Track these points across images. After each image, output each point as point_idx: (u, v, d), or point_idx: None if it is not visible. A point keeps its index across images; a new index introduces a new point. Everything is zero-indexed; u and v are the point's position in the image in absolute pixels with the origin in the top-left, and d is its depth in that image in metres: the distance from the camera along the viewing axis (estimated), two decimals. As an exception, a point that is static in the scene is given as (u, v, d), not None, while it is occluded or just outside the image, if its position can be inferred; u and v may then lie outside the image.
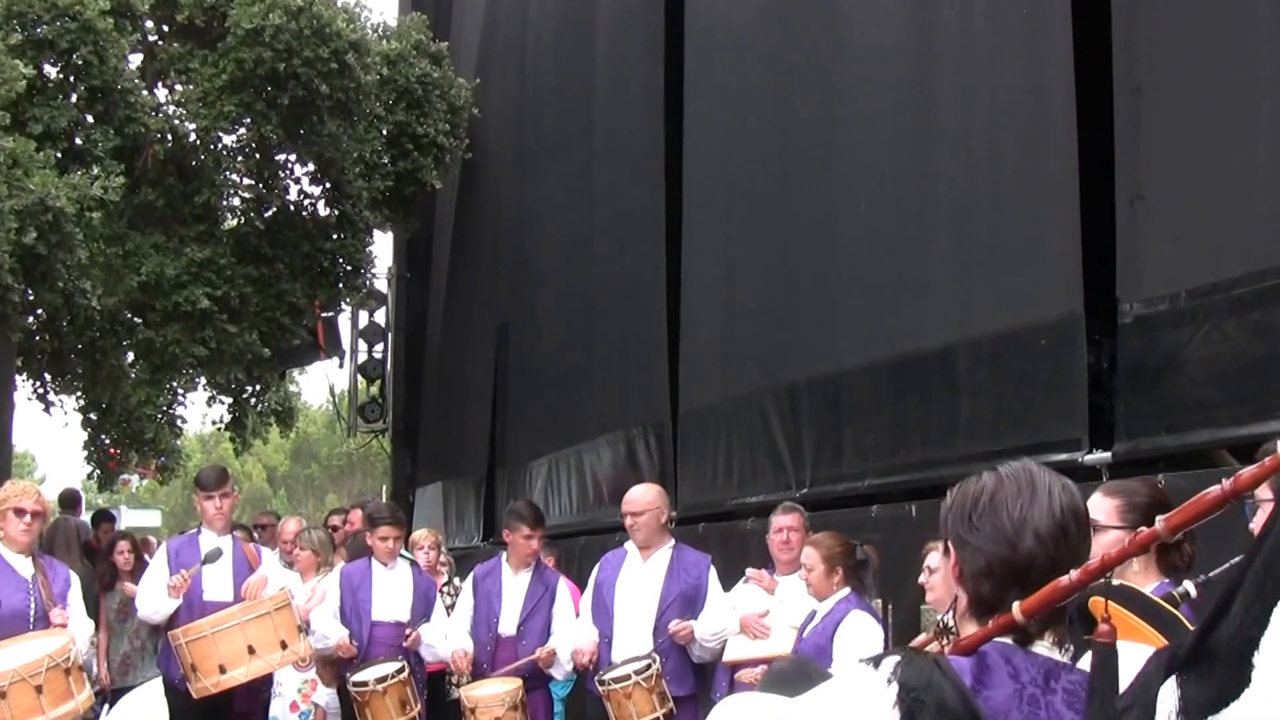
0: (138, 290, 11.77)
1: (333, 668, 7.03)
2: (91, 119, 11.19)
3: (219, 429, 15.58)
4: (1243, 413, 4.63)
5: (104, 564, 9.39)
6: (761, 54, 8.52)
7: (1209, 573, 2.80)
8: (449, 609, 7.36)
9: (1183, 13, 5.19)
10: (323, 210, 13.35)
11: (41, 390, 13.45)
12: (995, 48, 6.29)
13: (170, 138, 12.13)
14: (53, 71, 11.04)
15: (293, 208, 13.24)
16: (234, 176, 13.00)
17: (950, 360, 6.33)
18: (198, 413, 29.99)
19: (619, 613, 6.40)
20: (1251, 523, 2.88)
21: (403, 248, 17.60)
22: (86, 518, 12.81)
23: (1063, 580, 1.80)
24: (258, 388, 15.03)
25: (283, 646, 6.68)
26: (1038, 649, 1.86)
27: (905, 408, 6.71)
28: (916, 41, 6.88)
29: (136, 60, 12.38)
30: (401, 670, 6.59)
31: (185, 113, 12.04)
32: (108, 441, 14.84)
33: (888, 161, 7.05)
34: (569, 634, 6.64)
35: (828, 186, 7.60)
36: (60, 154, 10.71)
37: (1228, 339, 4.81)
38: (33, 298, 10.61)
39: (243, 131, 12.20)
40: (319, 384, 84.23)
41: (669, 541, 6.52)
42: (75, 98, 11.02)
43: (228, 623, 6.61)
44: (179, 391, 14.78)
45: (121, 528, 12.65)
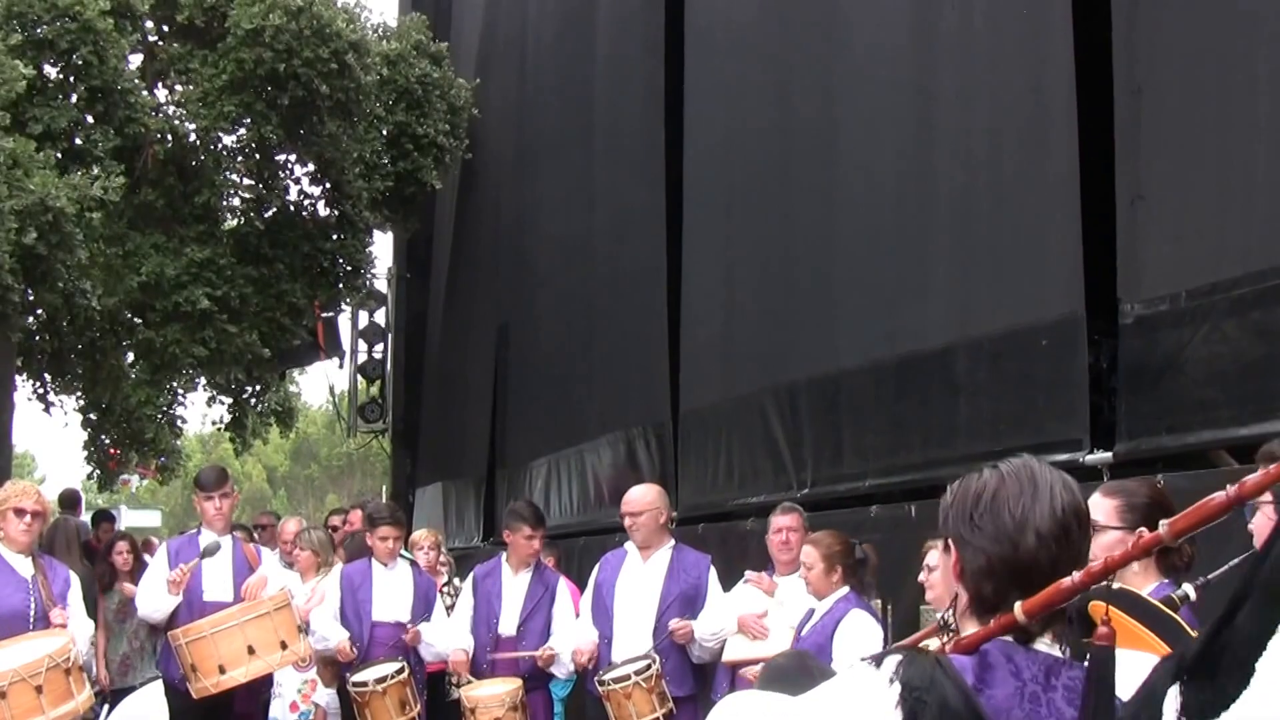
0: (138, 290, 11.77)
1: (333, 668, 7.03)
2: (91, 119, 11.19)
3: (219, 429, 15.59)
4: (1243, 413, 4.63)
5: (103, 564, 9.37)
6: (762, 54, 8.51)
7: (1208, 575, 2.79)
8: (449, 609, 7.36)
9: (1183, 13, 5.19)
10: (323, 210, 13.35)
11: (41, 390, 13.45)
12: (995, 48, 6.29)
13: (170, 138, 12.12)
14: (53, 72, 11.04)
15: (293, 208, 13.23)
16: (234, 177, 13.00)
17: (951, 360, 6.33)
18: (198, 413, 30.03)
19: (619, 613, 6.39)
20: (1250, 524, 2.87)
21: (403, 248, 17.60)
22: (86, 518, 12.81)
23: (1065, 582, 1.79)
24: (258, 388, 15.03)
25: (282, 647, 6.68)
26: (1038, 646, 1.86)
27: (906, 408, 6.70)
28: (917, 41, 6.88)
29: (136, 60, 12.38)
30: (401, 670, 6.59)
31: (185, 113, 12.04)
32: (108, 442, 14.83)
33: (888, 161, 7.04)
34: (569, 634, 6.64)
35: (828, 186, 7.59)
36: (60, 154, 10.71)
37: (1228, 339, 4.80)
38: (33, 298, 10.60)
39: (243, 132, 12.20)
40: (319, 384, 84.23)
41: (669, 542, 6.51)
42: (75, 98, 11.02)
43: (227, 623, 6.60)
44: (179, 392, 14.77)
45: (121, 528, 12.65)
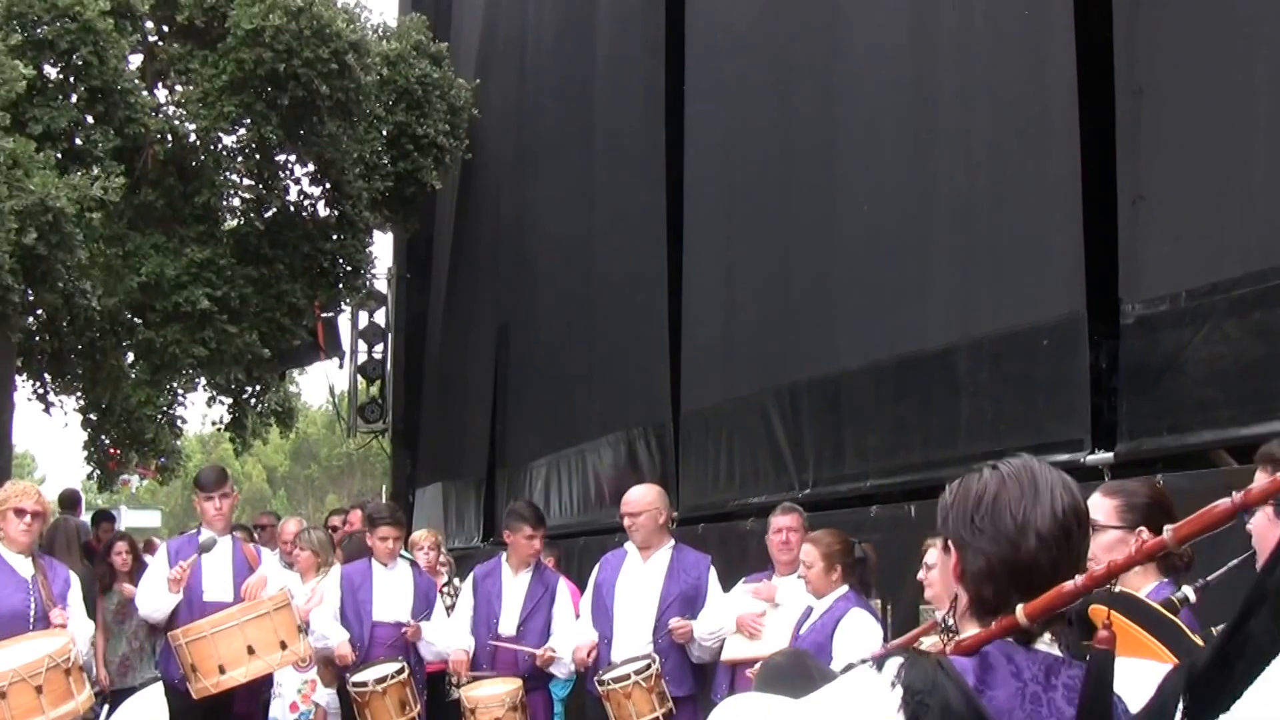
0: (138, 291, 11.77)
1: (333, 668, 7.02)
2: (91, 119, 11.19)
3: (219, 429, 15.59)
4: (1244, 413, 4.63)
5: (102, 565, 9.36)
6: (762, 54, 8.51)
7: (1208, 577, 2.79)
8: (449, 609, 7.36)
9: (1184, 14, 5.19)
10: (323, 211, 13.36)
11: (41, 390, 13.45)
12: (996, 48, 6.29)
13: (170, 138, 12.13)
14: (53, 72, 11.04)
15: (293, 208, 13.24)
16: (234, 177, 13.00)
17: (952, 361, 6.33)
18: (198, 413, 30.05)
19: (619, 613, 6.39)
20: (1249, 524, 2.87)
21: (402, 248, 17.60)
22: (86, 518, 12.81)
23: (1067, 585, 1.79)
24: (258, 388, 15.04)
25: (282, 647, 6.68)
26: (1037, 645, 1.86)
27: (907, 408, 6.70)
28: (917, 42, 6.87)
29: (136, 61, 12.38)
30: (401, 671, 6.59)
31: (185, 113, 12.05)
32: (108, 442, 14.83)
33: (888, 162, 7.04)
34: (569, 634, 6.63)
35: (828, 187, 7.59)
36: (60, 154, 10.72)
37: (1228, 339, 4.80)
38: (33, 298, 10.60)
39: (243, 132, 12.20)
40: (319, 384, 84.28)
41: (669, 542, 6.51)
42: (75, 98, 11.02)
43: (227, 623, 6.60)
44: (179, 392, 14.77)
45: (121, 528, 12.65)
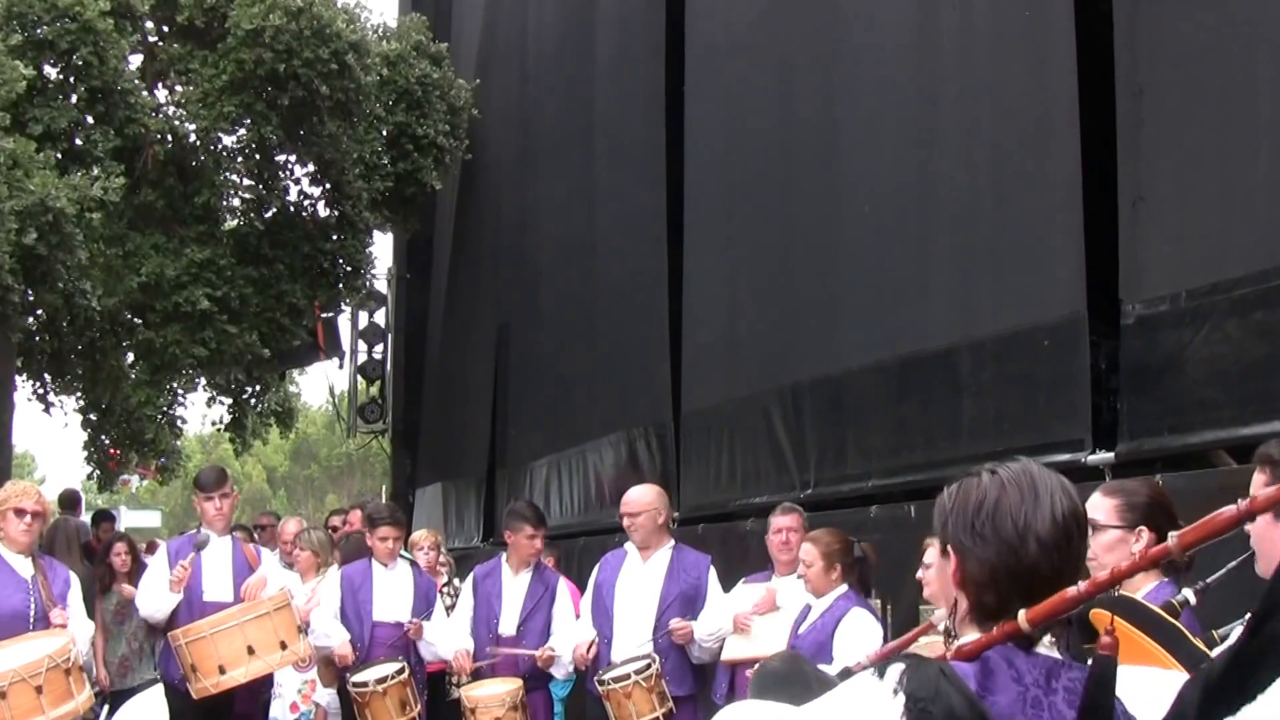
0: (138, 291, 11.77)
1: (333, 668, 7.02)
2: (91, 120, 11.19)
3: (219, 430, 15.58)
4: (1245, 413, 4.63)
5: (101, 566, 9.36)
6: (763, 55, 8.51)
7: (1207, 579, 2.78)
8: (448, 609, 7.35)
9: (1184, 14, 5.19)
10: (323, 211, 13.36)
11: (41, 390, 13.45)
12: (997, 49, 6.29)
13: (170, 138, 12.13)
14: (53, 72, 11.04)
15: (293, 208, 13.24)
16: (234, 177, 13.00)
17: (953, 361, 6.33)
18: (197, 413, 30.04)
19: (619, 613, 6.39)
20: (1247, 525, 2.87)
21: (403, 248, 17.60)
22: (86, 518, 12.81)
23: (1070, 591, 1.79)
24: (257, 388, 15.03)
25: (282, 647, 6.68)
26: (1038, 649, 1.86)
27: (908, 408, 6.70)
28: (919, 43, 6.87)
29: (136, 61, 12.39)
30: (402, 671, 6.58)
31: (185, 113, 12.05)
32: (108, 442, 14.83)
33: (890, 163, 7.04)
34: (569, 634, 6.63)
35: (830, 187, 7.59)
36: (60, 155, 10.72)
37: (1229, 339, 4.80)
38: (33, 298, 10.60)
39: (243, 132, 12.20)
40: (319, 385, 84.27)
41: (669, 542, 6.50)
42: (75, 98, 11.02)
43: (227, 623, 6.60)
44: (179, 392, 14.77)
45: (121, 528, 12.65)
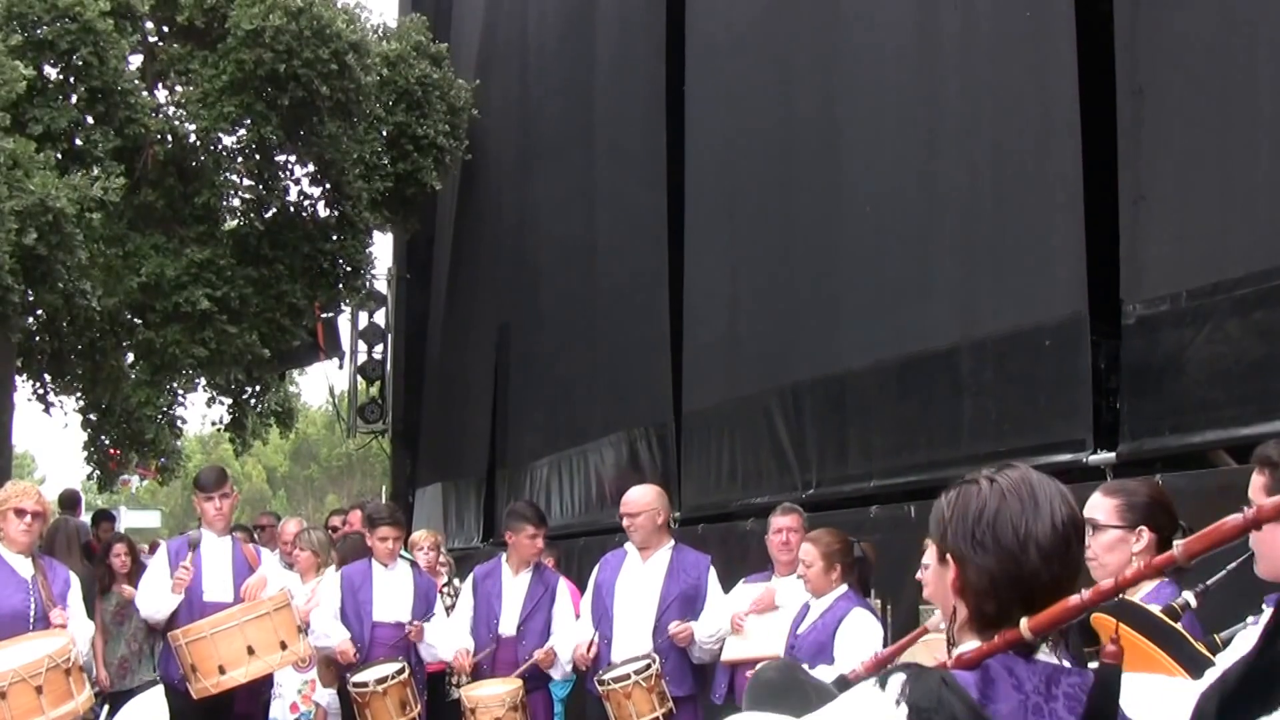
0: (138, 291, 11.76)
1: (333, 668, 7.01)
2: (92, 120, 11.18)
3: (219, 430, 15.58)
4: (1246, 412, 4.63)
5: (101, 567, 9.35)
6: (764, 54, 8.50)
7: (1207, 581, 2.78)
8: (448, 610, 7.35)
9: (1184, 14, 5.19)
10: (323, 211, 13.36)
11: (41, 391, 13.45)
12: (998, 49, 6.29)
13: (170, 139, 12.13)
14: (53, 72, 11.04)
15: (293, 209, 13.23)
16: (234, 177, 12.99)
17: (955, 361, 6.32)
18: (197, 414, 29.95)
19: (619, 613, 6.38)
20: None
21: (403, 249, 17.60)
22: (86, 518, 12.80)
23: (1074, 600, 1.79)
24: (257, 388, 15.04)
25: (282, 647, 6.67)
26: (1038, 656, 1.85)
27: (910, 408, 6.69)
28: (920, 43, 6.87)
29: (137, 61, 12.38)
30: (402, 671, 6.58)
31: (185, 114, 12.04)
32: (108, 442, 14.83)
33: (891, 162, 7.04)
34: (569, 634, 6.63)
35: (831, 187, 7.58)
36: (60, 155, 10.72)
37: (1230, 339, 4.80)
38: (33, 298, 10.60)
39: (243, 132, 12.20)
40: (319, 385, 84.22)
41: (668, 542, 6.50)
42: (75, 99, 11.02)
43: (227, 623, 6.60)
44: (179, 392, 14.77)
45: (121, 528, 12.65)
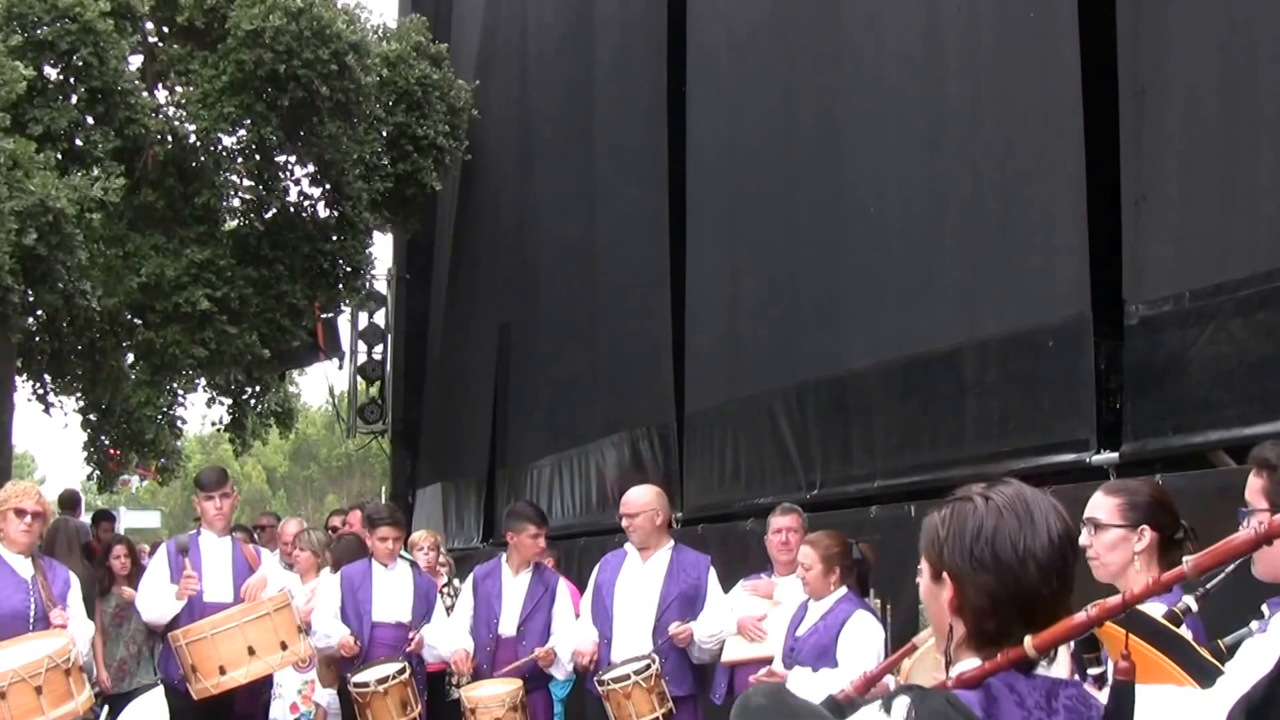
0: (138, 291, 11.76)
1: (333, 669, 7.01)
2: (92, 120, 11.18)
3: (218, 430, 15.58)
4: (1249, 412, 4.62)
5: (100, 568, 9.34)
6: (766, 54, 8.49)
7: (1207, 585, 2.78)
8: (448, 610, 7.34)
9: (1186, 15, 5.18)
10: (323, 212, 13.35)
11: (41, 391, 13.45)
12: (1001, 50, 6.28)
13: (170, 139, 12.12)
14: (53, 73, 11.03)
15: (293, 209, 13.23)
16: (234, 178, 12.99)
17: (958, 361, 6.32)
18: (197, 414, 29.86)
19: (618, 614, 6.38)
20: (1243, 527, 2.86)
21: (403, 249, 17.60)
22: (86, 519, 12.80)
23: (1079, 616, 1.79)
24: (257, 389, 15.04)
25: (283, 647, 6.67)
26: (1037, 670, 1.85)
27: (914, 409, 6.69)
28: (922, 44, 6.86)
29: (137, 62, 12.38)
30: (403, 671, 6.57)
31: (185, 114, 12.04)
32: (107, 442, 14.83)
33: (894, 162, 7.03)
34: (569, 634, 6.62)
35: (833, 188, 7.58)
36: (60, 155, 10.71)
37: (1233, 339, 4.80)
38: (33, 299, 10.60)
39: (243, 133, 12.20)
40: (318, 385, 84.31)
41: (668, 542, 6.49)
42: (75, 99, 11.01)
43: (228, 624, 6.59)
44: (179, 393, 14.78)
45: (121, 529, 12.65)
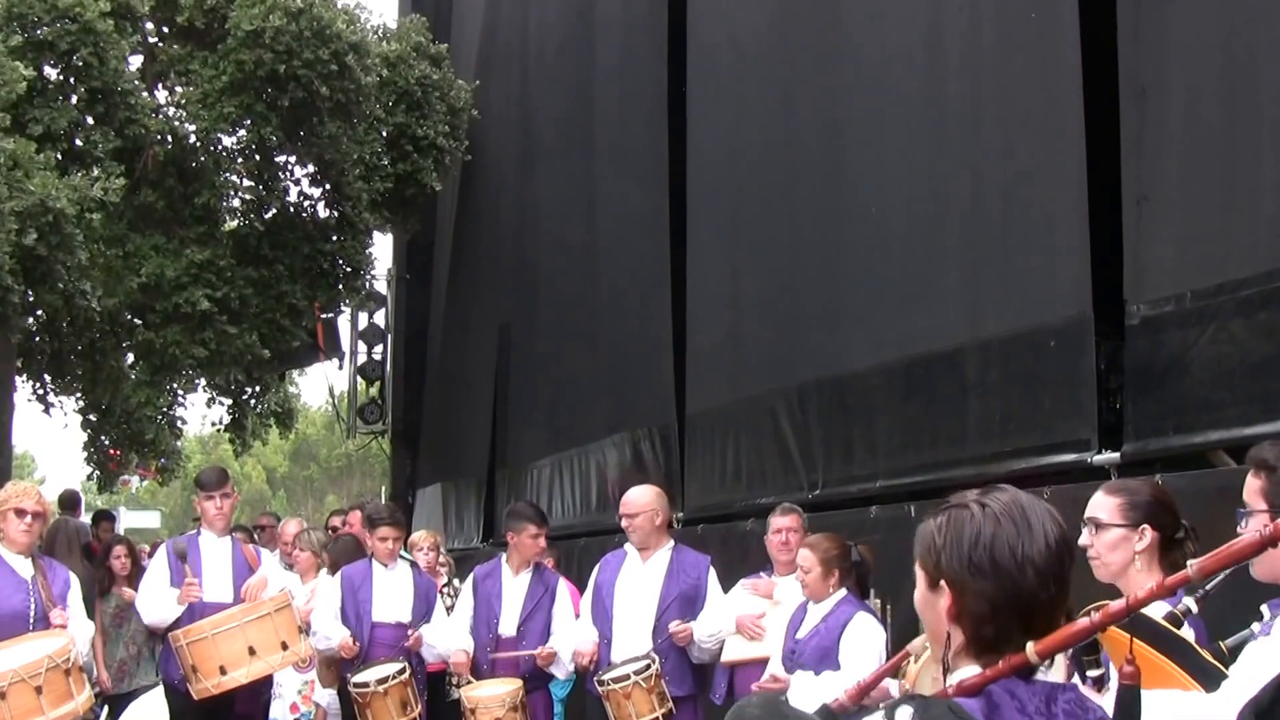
0: (138, 291, 11.76)
1: (333, 669, 7.00)
2: (92, 120, 11.17)
3: (218, 430, 15.57)
4: (1251, 412, 4.62)
5: (100, 569, 9.34)
6: (767, 55, 8.49)
7: (1206, 586, 2.77)
8: (448, 610, 7.34)
9: (1187, 15, 5.18)
10: (323, 212, 13.35)
11: (41, 391, 13.44)
12: (1002, 50, 6.28)
13: (170, 139, 12.12)
14: (53, 73, 11.03)
15: (293, 209, 13.22)
16: (234, 178, 12.98)
17: (959, 362, 6.31)
18: (197, 414, 29.86)
19: (618, 614, 6.38)
20: (1240, 528, 2.86)
21: (402, 249, 17.59)
22: (86, 519, 12.80)
23: (1082, 622, 1.79)
24: (257, 389, 15.03)
25: (283, 647, 6.68)
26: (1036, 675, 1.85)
27: (915, 409, 6.68)
28: (924, 45, 6.86)
29: (137, 62, 12.37)
30: (403, 671, 6.57)
31: (185, 114, 12.04)
32: (107, 442, 14.83)
33: (896, 163, 7.03)
34: (569, 634, 6.62)
35: (834, 188, 7.57)
36: (60, 155, 10.71)
37: (1234, 340, 4.79)
38: (33, 299, 10.59)
39: (243, 133, 12.19)
40: (318, 385, 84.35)
41: (668, 543, 6.49)
42: (75, 99, 11.01)
43: (228, 624, 6.60)
44: (179, 393, 14.78)
45: (121, 529, 12.65)
